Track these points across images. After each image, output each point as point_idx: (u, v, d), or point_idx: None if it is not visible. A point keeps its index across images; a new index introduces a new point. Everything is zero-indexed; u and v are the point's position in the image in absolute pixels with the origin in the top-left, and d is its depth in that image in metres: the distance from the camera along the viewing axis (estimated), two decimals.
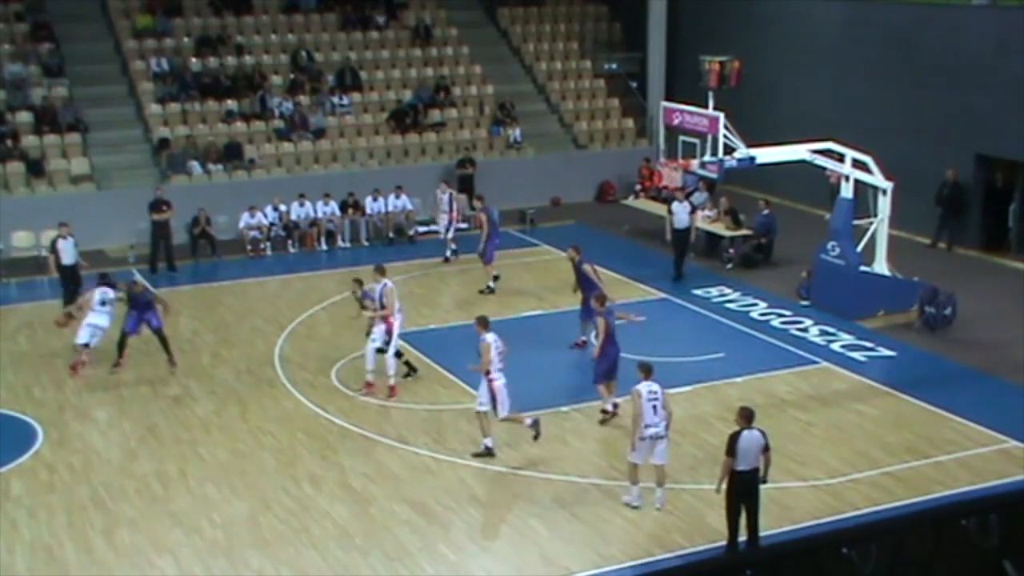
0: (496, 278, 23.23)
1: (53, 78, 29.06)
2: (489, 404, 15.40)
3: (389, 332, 17.76)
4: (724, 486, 13.02)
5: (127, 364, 18.99)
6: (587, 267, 19.50)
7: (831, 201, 22.33)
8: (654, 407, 14.00)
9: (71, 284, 22.07)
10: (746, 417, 12.94)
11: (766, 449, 12.94)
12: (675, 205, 23.94)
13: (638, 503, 14.26)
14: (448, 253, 25.45)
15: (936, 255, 25.30)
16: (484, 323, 15.79)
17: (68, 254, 22.11)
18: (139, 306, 18.97)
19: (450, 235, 25.60)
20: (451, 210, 25.67)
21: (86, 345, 18.71)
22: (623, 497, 14.44)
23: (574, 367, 19.10)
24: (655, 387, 14.14)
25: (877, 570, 8.64)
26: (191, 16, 31.89)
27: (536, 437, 15.63)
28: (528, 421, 15.64)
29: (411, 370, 18.52)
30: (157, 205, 24.92)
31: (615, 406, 16.71)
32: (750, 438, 12.83)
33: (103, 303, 18.83)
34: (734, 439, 12.80)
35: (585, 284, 19.43)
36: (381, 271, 18.30)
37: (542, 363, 19.07)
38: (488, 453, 15.63)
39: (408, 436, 16.43)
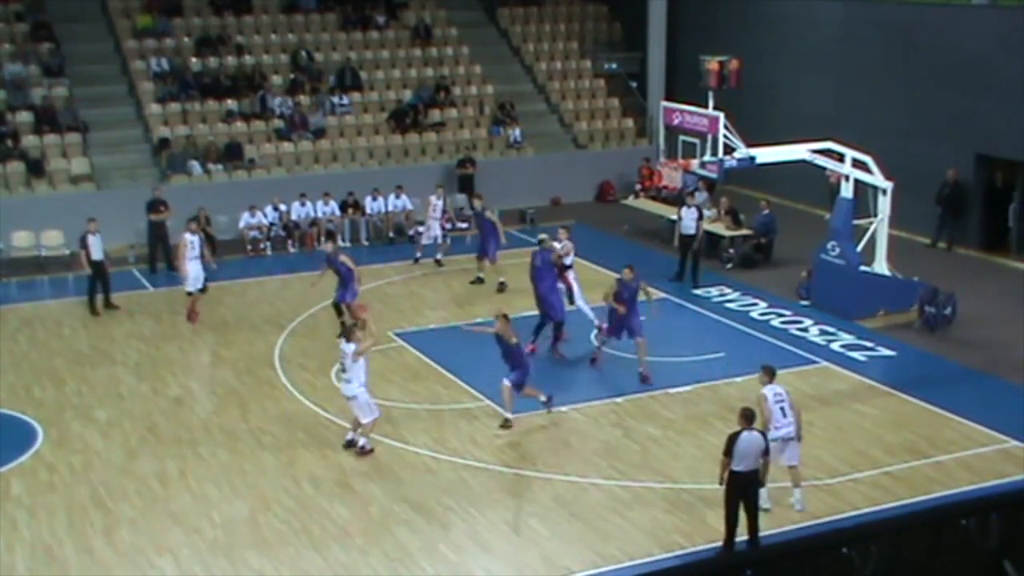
0: (480, 279, 23.60)
1: (53, 78, 29.07)
2: None
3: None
4: (724, 484, 13.05)
5: None
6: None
7: (831, 201, 22.34)
8: (782, 409, 13.91)
9: (100, 279, 22.38)
10: (746, 418, 12.96)
11: (766, 452, 12.95)
12: (683, 211, 23.48)
13: (767, 505, 13.84)
14: (439, 255, 25.30)
15: (936, 255, 25.30)
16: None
17: (97, 249, 22.31)
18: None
19: (448, 241, 25.53)
20: (443, 216, 25.49)
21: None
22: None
23: (574, 367, 19.10)
24: (780, 389, 14.07)
25: (877, 570, 8.64)
26: (191, 16, 31.90)
27: None
28: None
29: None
30: (155, 205, 24.91)
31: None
32: (749, 439, 12.83)
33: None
34: (733, 439, 12.82)
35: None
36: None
37: (541, 363, 19.06)
38: None
39: (408, 436, 16.43)
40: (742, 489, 12.92)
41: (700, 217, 23.27)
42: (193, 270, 21.33)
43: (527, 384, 16.60)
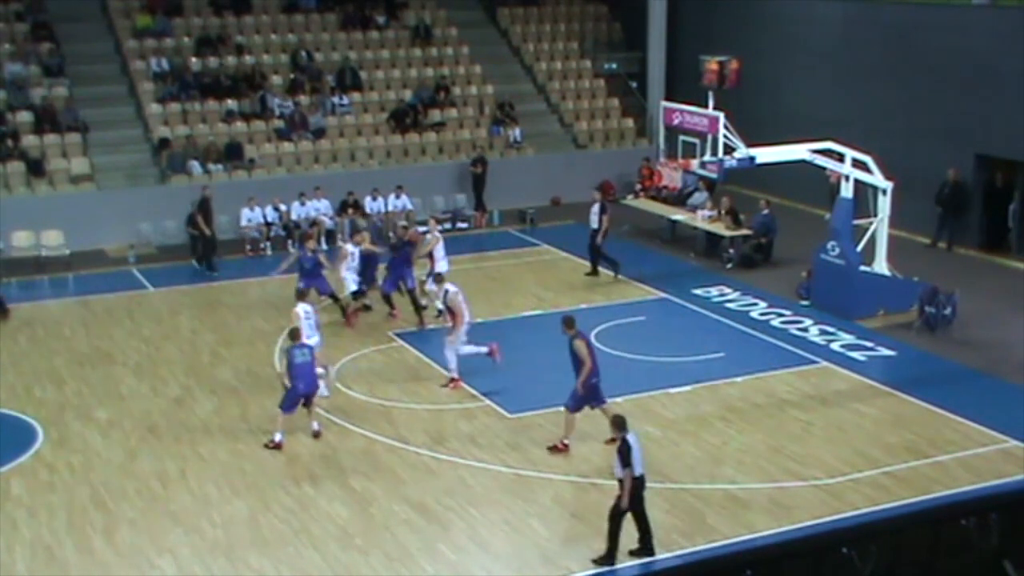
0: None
1: (53, 78, 29.07)
2: None
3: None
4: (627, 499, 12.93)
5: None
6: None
7: (831, 201, 22.34)
8: (310, 324, 17.02)
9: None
10: (618, 425, 13.06)
11: None
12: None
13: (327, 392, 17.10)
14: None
15: (936, 255, 25.30)
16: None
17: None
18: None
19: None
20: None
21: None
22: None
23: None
24: (309, 308, 17.43)
25: (877, 570, 8.65)
26: (191, 16, 31.91)
27: None
28: None
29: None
30: (204, 203, 24.79)
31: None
32: (637, 441, 12.97)
33: None
34: (627, 449, 12.78)
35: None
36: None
37: (542, 363, 19.05)
38: None
39: (408, 436, 16.44)
40: (641, 492, 12.97)
41: (603, 212, 23.53)
42: (348, 276, 21.35)
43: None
